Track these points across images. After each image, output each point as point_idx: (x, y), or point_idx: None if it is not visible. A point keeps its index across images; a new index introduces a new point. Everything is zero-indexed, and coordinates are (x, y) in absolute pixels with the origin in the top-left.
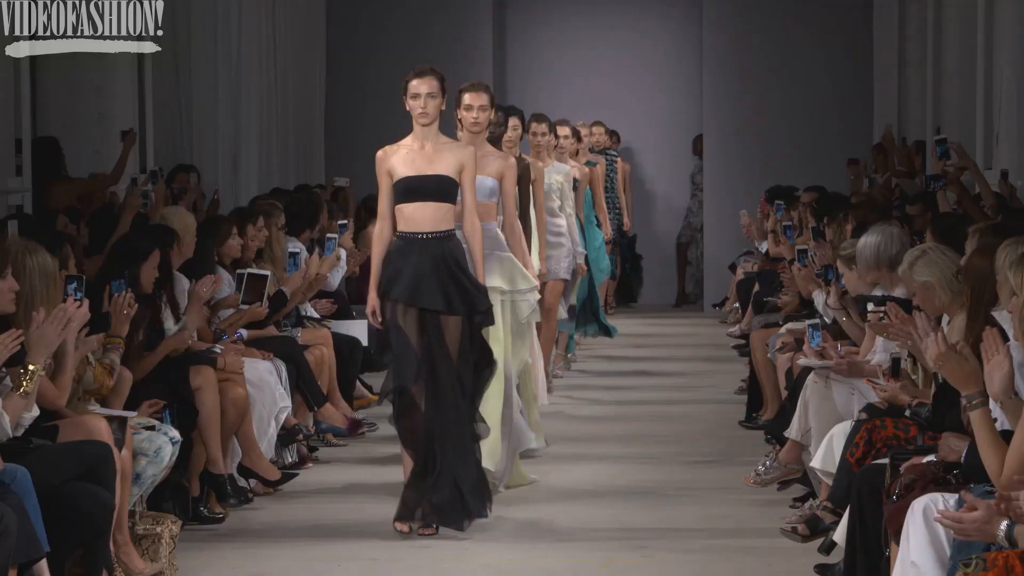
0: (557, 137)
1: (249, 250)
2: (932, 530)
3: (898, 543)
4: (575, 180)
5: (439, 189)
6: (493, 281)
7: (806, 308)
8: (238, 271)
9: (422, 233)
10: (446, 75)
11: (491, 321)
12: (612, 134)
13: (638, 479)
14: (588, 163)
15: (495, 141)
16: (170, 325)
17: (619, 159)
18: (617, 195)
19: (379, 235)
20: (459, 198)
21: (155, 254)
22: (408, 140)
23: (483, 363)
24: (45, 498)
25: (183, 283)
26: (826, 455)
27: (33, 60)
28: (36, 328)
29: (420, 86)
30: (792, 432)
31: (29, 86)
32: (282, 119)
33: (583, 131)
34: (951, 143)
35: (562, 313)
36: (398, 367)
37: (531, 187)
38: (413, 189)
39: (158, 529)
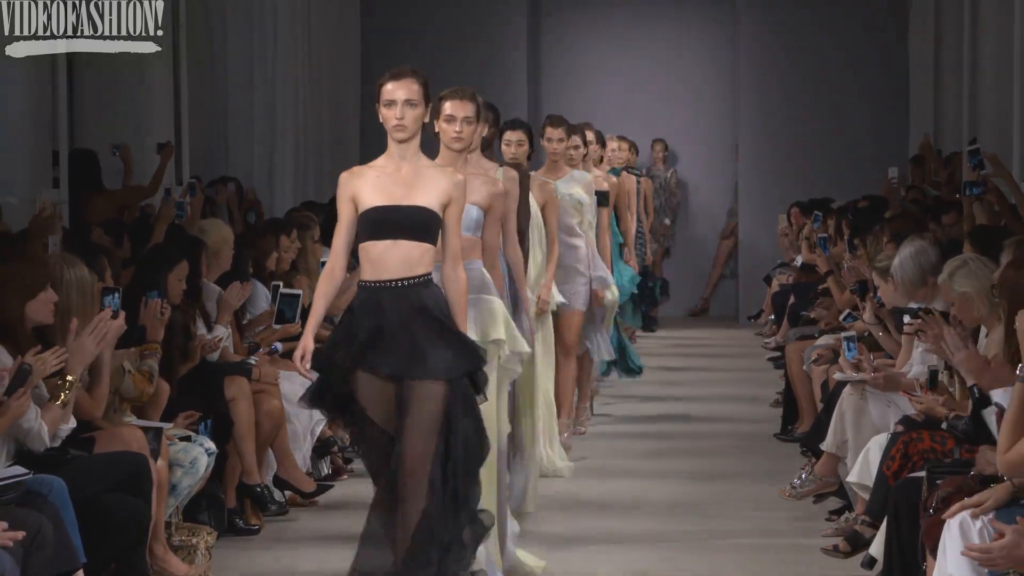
0: (586, 145)
1: (283, 262)
2: (969, 543)
3: (935, 557)
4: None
5: (416, 224)
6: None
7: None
8: (273, 283)
9: (392, 281)
10: (481, 91)
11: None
12: (632, 147)
13: (672, 491)
14: (612, 171)
15: (484, 145)
16: (203, 335)
17: (643, 178)
18: (639, 218)
19: (328, 273)
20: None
21: (183, 265)
22: (381, 160)
23: (475, 440)
24: (82, 509)
25: (215, 293)
26: (862, 468)
27: (70, 73)
28: (74, 339)
29: (396, 91)
30: (828, 445)
31: (66, 98)
32: (317, 133)
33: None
34: (985, 153)
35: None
36: (368, 465)
37: (532, 205)
38: (383, 223)
39: (194, 540)
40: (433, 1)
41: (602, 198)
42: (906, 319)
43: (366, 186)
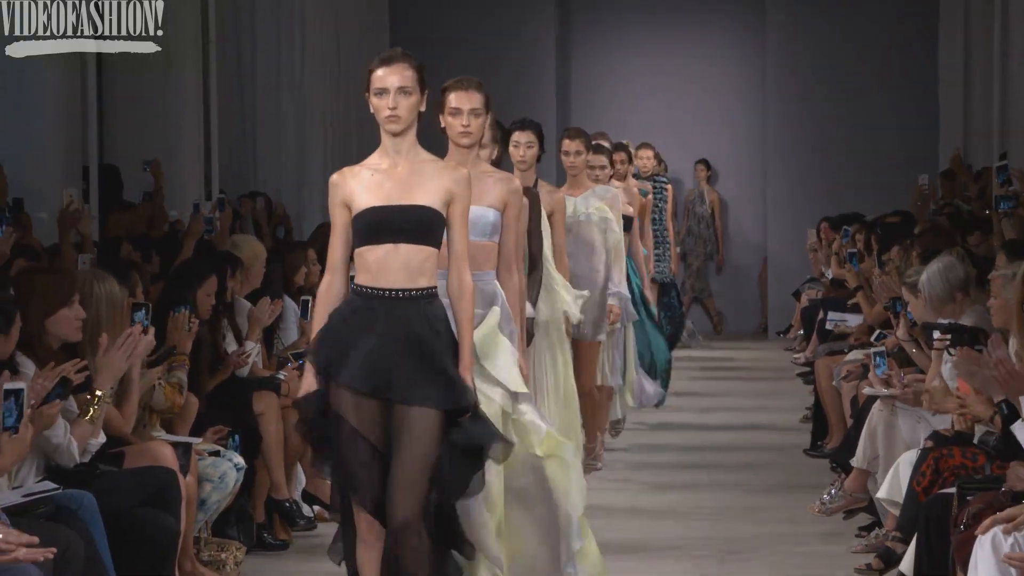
0: (612, 165)
1: (312, 275)
2: (1000, 560)
3: (966, 573)
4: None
5: (417, 226)
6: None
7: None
8: (302, 298)
9: (389, 290)
10: (509, 101)
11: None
12: (657, 155)
13: (702, 507)
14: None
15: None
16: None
17: (669, 186)
18: (666, 228)
19: (326, 290)
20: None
21: (212, 280)
22: (374, 158)
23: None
24: (111, 524)
25: (245, 308)
26: (892, 485)
27: (99, 88)
28: (103, 354)
29: (387, 77)
30: (858, 460)
31: (96, 113)
32: (346, 146)
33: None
34: (1013, 170)
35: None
36: (346, 482)
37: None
38: (380, 226)
39: (223, 555)
40: (462, 13)
41: (626, 223)
42: (935, 335)
43: (359, 187)
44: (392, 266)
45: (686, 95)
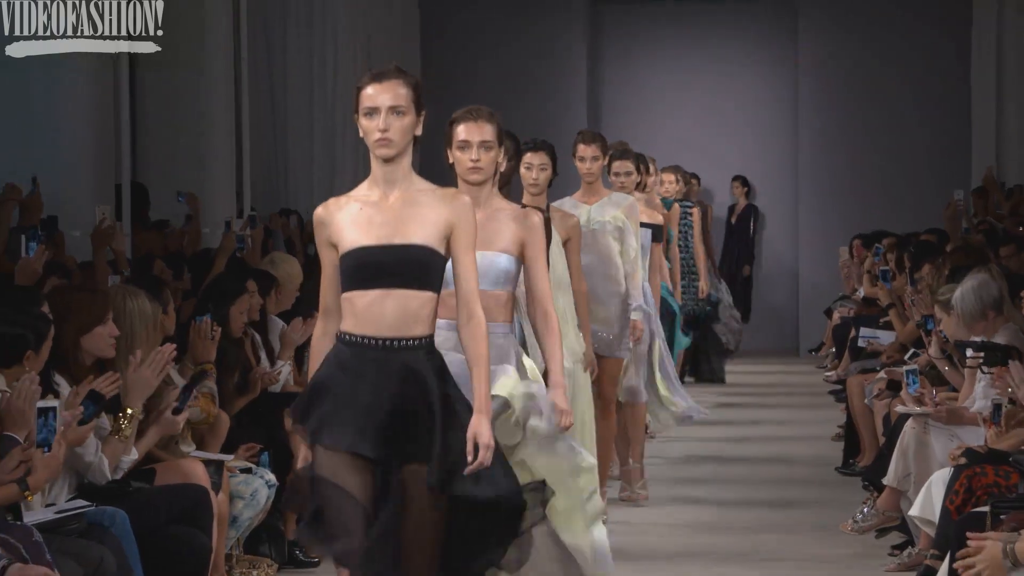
0: (639, 172)
1: None
2: None
3: None
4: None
5: (412, 268)
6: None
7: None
8: None
9: (380, 339)
10: (540, 121)
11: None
12: (680, 178)
13: (733, 525)
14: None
15: (502, 182)
16: (263, 366)
17: (694, 209)
18: (694, 254)
19: (321, 337)
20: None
21: (244, 297)
22: (363, 188)
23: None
24: (143, 541)
25: (278, 327)
26: (925, 503)
27: (132, 107)
28: (133, 371)
29: (379, 95)
30: (890, 479)
31: (129, 133)
32: None
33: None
34: None
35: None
36: (337, 551)
37: (558, 247)
38: (369, 269)
39: (254, 573)
40: (493, 30)
41: (655, 232)
42: (969, 352)
43: (346, 223)
44: (383, 313)
45: (718, 111)
